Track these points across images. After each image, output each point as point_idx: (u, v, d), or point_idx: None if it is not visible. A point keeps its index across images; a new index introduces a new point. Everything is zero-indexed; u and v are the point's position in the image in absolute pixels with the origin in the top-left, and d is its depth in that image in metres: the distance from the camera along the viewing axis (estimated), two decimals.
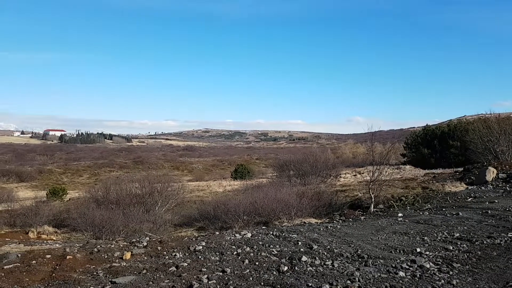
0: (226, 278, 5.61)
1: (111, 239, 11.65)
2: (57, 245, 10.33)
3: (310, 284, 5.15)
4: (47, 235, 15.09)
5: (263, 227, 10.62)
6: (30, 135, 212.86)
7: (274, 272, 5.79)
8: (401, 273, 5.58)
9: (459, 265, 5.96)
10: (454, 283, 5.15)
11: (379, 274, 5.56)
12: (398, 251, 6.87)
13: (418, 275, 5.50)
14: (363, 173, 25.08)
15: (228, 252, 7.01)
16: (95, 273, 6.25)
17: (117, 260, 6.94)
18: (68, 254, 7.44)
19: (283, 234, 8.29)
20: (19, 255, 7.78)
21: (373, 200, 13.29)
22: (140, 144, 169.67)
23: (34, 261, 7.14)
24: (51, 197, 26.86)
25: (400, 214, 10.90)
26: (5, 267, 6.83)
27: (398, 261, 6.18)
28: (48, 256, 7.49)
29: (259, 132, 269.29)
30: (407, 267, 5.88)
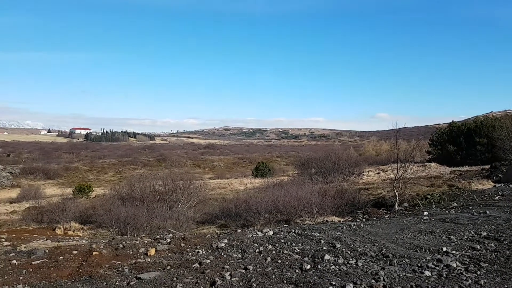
0: (248, 276, 5.63)
1: (135, 235, 11.86)
2: (84, 241, 10.59)
3: (333, 283, 5.11)
4: (74, 232, 15.47)
5: (285, 225, 10.62)
6: (56, 133, 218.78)
7: (297, 270, 5.78)
8: (427, 273, 5.48)
9: (486, 264, 5.80)
10: (482, 283, 5.02)
11: (404, 274, 5.48)
12: (423, 250, 6.75)
13: (444, 275, 5.39)
14: (387, 171, 24.65)
15: (250, 250, 7.04)
16: (120, 268, 6.38)
17: (141, 256, 7.07)
18: (94, 250, 7.62)
19: (305, 232, 8.26)
20: (47, 251, 8.01)
21: (397, 198, 13.06)
22: (163, 142, 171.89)
23: (61, 257, 7.34)
24: (77, 194, 27.53)
25: (425, 213, 10.71)
26: (33, 262, 7.05)
27: (424, 260, 6.07)
28: (75, 252, 7.69)
29: (280, 130, 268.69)
30: (433, 266, 5.77)
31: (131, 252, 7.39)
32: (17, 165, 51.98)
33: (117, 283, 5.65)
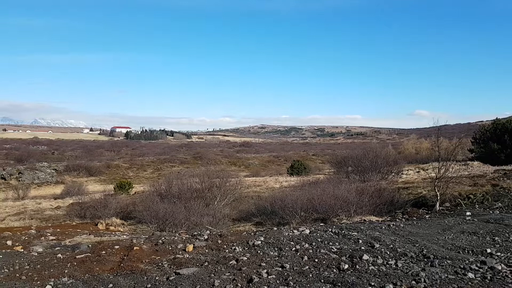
0: (285, 274, 5.63)
1: (174, 231, 12.12)
2: (125, 236, 10.96)
3: (372, 284, 5.02)
4: (115, 227, 16.00)
5: (321, 224, 10.52)
6: (98, 132, 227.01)
7: (334, 270, 5.71)
8: (470, 275, 5.29)
9: None
10: None
11: (446, 275, 5.31)
12: (466, 251, 6.52)
13: (488, 277, 5.20)
14: (427, 170, 23.84)
15: (286, 248, 7.02)
16: (160, 264, 6.55)
17: (180, 252, 7.22)
18: (135, 245, 7.86)
19: (343, 231, 8.15)
20: (90, 245, 8.35)
21: (438, 198, 12.64)
22: (199, 140, 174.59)
23: (104, 252, 7.62)
24: (118, 190, 28.38)
25: (468, 213, 10.33)
26: (77, 256, 7.36)
27: (467, 262, 5.86)
28: (117, 247, 7.96)
29: (316, 128, 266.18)
30: (477, 268, 5.57)
31: (170, 248, 7.57)
32: (61, 162, 54.28)
33: (157, 278, 5.80)
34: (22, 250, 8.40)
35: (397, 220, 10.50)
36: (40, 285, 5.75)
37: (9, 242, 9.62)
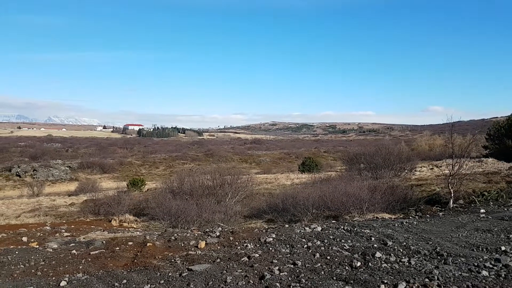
0: (297, 271, 5.63)
1: (186, 228, 12.22)
2: (138, 233, 11.07)
3: (385, 281, 4.99)
4: (128, 223, 16.15)
5: (333, 221, 10.48)
6: (111, 129, 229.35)
7: (347, 267, 5.70)
8: (484, 272, 5.24)
9: None
10: None
11: (460, 273, 5.26)
12: (480, 249, 6.45)
13: (503, 275, 5.14)
14: (440, 167, 23.57)
15: (298, 245, 7.02)
16: (173, 260, 6.60)
17: (192, 249, 7.27)
18: (148, 241, 7.94)
19: (355, 229, 8.11)
20: (104, 241, 8.46)
21: (452, 195, 12.49)
22: (210, 138, 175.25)
23: (118, 248, 7.71)
24: (131, 187, 28.66)
25: (482, 210, 10.21)
26: (91, 252, 7.46)
27: (481, 259, 5.80)
28: (130, 243, 8.05)
29: (327, 125, 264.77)
30: (491, 266, 5.50)
31: (182, 244, 7.63)
32: (75, 159, 54.93)
33: (170, 274, 5.85)
34: (37, 246, 8.55)
35: (410, 217, 10.41)
36: (55, 280, 5.84)
37: (24, 239, 9.80)
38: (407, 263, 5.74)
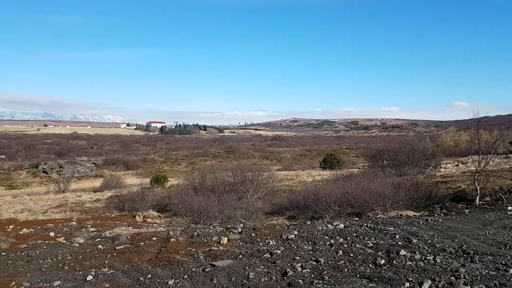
0: (320, 268, 5.60)
1: (208, 224, 12.31)
2: (161, 228, 11.23)
3: (410, 279, 4.91)
4: (152, 219, 16.41)
5: (356, 219, 10.37)
6: (134, 127, 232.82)
7: (370, 265, 5.63)
8: None
9: None
10: None
11: (487, 271, 5.13)
12: (508, 247, 6.29)
13: None
14: (466, 163, 23.00)
15: (320, 242, 6.98)
16: (196, 255, 6.67)
17: (215, 244, 7.33)
18: (172, 237, 8.04)
19: (379, 226, 8.01)
20: (129, 237, 8.62)
21: (478, 192, 12.19)
22: (231, 135, 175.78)
23: (142, 243, 7.85)
24: (154, 184, 29.06)
25: (510, 208, 9.97)
26: (117, 247, 7.61)
27: (509, 257, 5.66)
28: (154, 238, 8.18)
29: (349, 121, 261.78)
30: None
31: (205, 240, 7.69)
32: (100, 156, 56.07)
33: (193, 269, 5.92)
34: (64, 241, 8.78)
35: (435, 215, 10.22)
36: (81, 275, 5.98)
37: (51, 234, 10.07)
38: (433, 261, 5.64)
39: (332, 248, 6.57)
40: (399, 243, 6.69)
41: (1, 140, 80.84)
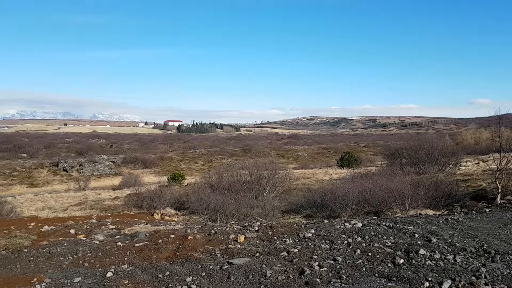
0: (337, 267, 5.57)
1: (225, 222, 12.37)
2: (179, 226, 11.32)
3: (429, 279, 4.84)
4: (170, 217, 16.57)
5: (374, 217, 10.27)
6: (152, 125, 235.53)
7: (389, 264, 5.57)
8: None
9: None
10: None
11: (508, 271, 5.03)
12: None
13: None
14: (487, 161, 22.51)
15: (338, 241, 6.94)
16: (213, 253, 6.71)
17: (232, 242, 7.36)
18: (189, 234, 8.11)
19: (397, 225, 7.91)
20: (147, 234, 8.72)
21: (500, 190, 11.92)
22: (248, 133, 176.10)
23: (160, 240, 7.93)
24: (171, 182, 29.33)
25: None
26: (135, 245, 7.72)
27: None
28: (172, 236, 8.26)
29: (367, 118, 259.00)
30: None
31: (222, 238, 7.73)
32: (119, 155, 56.90)
33: (211, 267, 5.96)
34: (85, 238, 8.93)
35: (455, 213, 10.04)
36: (101, 271, 6.09)
37: (72, 231, 10.25)
38: (453, 261, 5.55)
39: (350, 247, 6.53)
40: (418, 242, 6.59)
41: (22, 139, 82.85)
